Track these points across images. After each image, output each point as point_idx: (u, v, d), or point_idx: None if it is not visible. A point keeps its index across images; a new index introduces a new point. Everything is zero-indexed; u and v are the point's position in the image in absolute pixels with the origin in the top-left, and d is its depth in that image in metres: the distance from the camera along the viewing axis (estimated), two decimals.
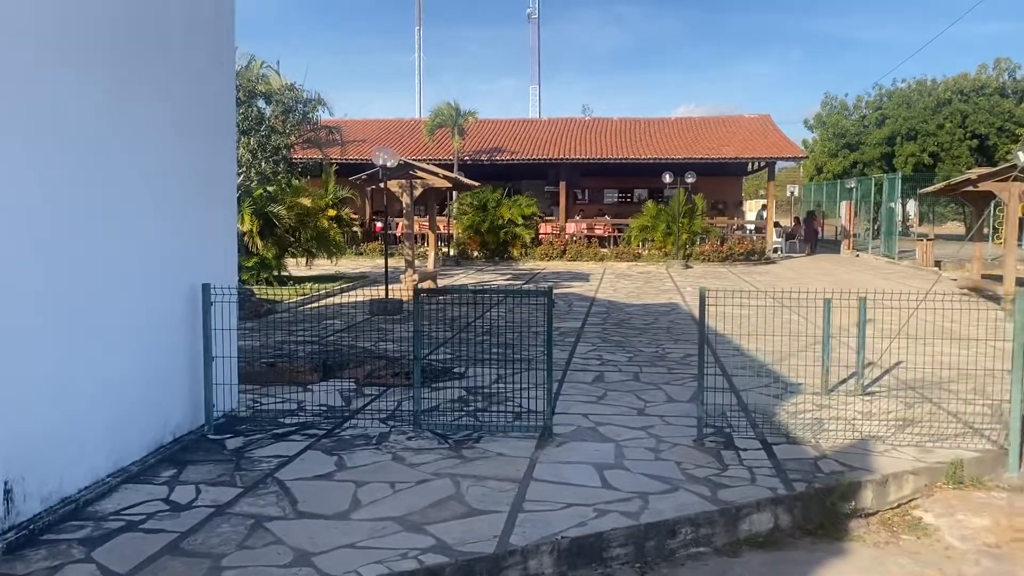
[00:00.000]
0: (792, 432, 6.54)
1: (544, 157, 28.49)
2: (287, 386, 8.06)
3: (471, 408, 7.25)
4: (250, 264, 15.69)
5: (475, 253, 26.07)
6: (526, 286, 18.59)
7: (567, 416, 6.98)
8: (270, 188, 14.35)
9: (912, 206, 41.29)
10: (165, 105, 5.98)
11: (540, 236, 27.31)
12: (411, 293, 15.14)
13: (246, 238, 15.07)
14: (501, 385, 7.89)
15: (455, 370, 8.74)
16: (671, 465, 5.72)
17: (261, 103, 12.82)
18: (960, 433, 6.52)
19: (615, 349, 10.30)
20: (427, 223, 18.73)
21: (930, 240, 24.55)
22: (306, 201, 16.34)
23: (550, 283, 19.21)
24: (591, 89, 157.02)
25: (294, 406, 7.38)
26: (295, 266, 18.27)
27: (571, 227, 28.94)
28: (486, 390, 7.78)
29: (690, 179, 24.67)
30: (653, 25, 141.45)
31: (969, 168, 36.31)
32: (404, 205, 15.24)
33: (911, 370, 8.56)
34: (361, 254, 26.25)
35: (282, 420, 6.83)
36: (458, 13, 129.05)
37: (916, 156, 37.82)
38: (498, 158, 28.67)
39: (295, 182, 16.24)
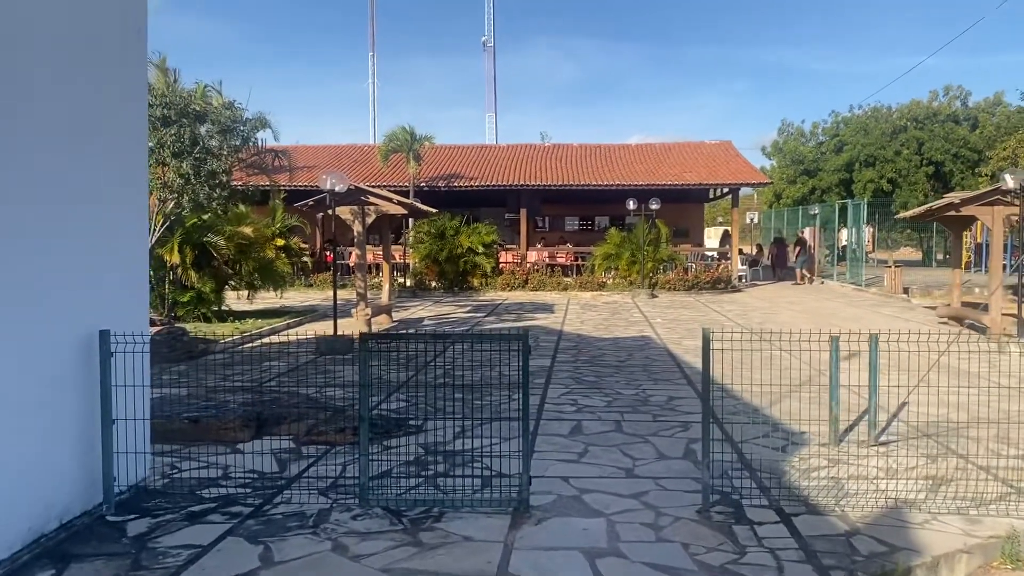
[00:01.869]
0: (810, 497, 5.54)
1: (504, 183, 27.58)
2: (214, 445, 6.87)
3: (430, 472, 6.13)
4: (185, 299, 14.37)
5: (433, 283, 24.94)
6: (488, 318, 17.52)
7: (545, 480, 5.91)
8: (205, 216, 13.11)
9: (866, 232, 41.24)
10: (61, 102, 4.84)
11: (501, 265, 26.30)
12: (363, 328, 13.99)
13: (179, 270, 13.77)
14: (466, 441, 6.80)
15: (411, 422, 7.61)
16: (676, 548, 4.67)
17: (205, 126, 11.64)
18: (1003, 495, 5.58)
19: (591, 392, 9.26)
20: (381, 253, 17.55)
21: (898, 267, 24.09)
22: (248, 230, 15.09)
23: (514, 315, 18.15)
24: (547, 120, 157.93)
25: (218, 472, 6.20)
26: (237, 300, 16.96)
27: (533, 255, 28.01)
28: (448, 448, 6.67)
29: (655, 205, 23.94)
30: (608, 57, 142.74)
31: (926, 195, 36.44)
32: (356, 233, 14.10)
33: (919, 413, 7.67)
34: (311, 286, 24.94)
35: (201, 493, 5.63)
36: (414, 44, 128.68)
37: (875, 182, 37.77)
38: (456, 184, 27.68)
39: (238, 209, 14.97)
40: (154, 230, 10.88)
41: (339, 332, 12.49)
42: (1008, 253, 31.00)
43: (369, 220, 13.93)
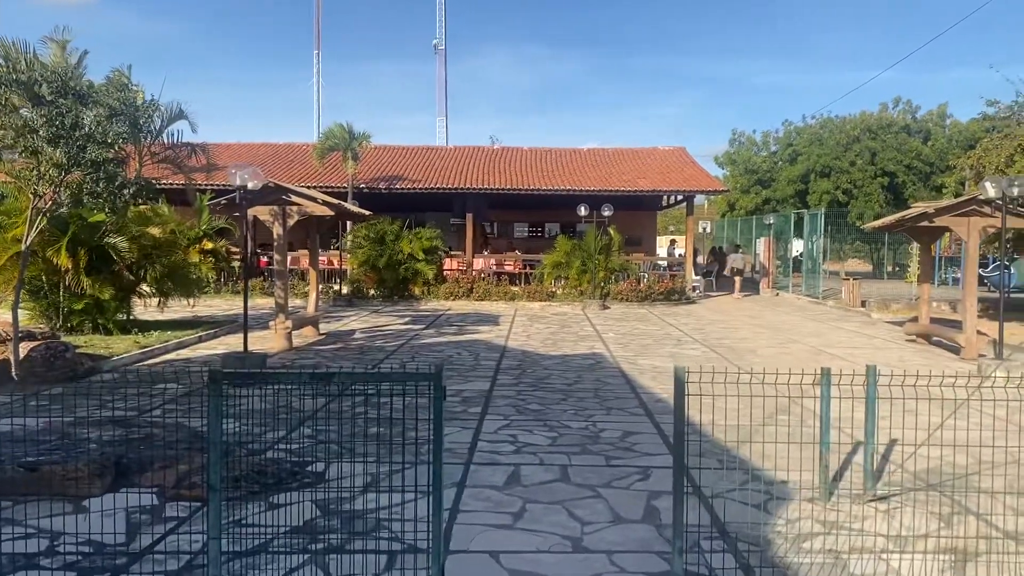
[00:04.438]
0: None
1: (449, 187, 26.15)
2: (55, 501, 5.42)
3: (321, 544, 4.73)
4: (79, 307, 12.68)
5: (371, 291, 23.40)
6: (427, 331, 16.10)
7: (467, 559, 4.57)
8: (104, 215, 11.46)
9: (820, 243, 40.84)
10: None
11: (445, 273, 24.87)
12: (282, 343, 12.47)
13: (68, 276, 12.07)
14: (373, 495, 5.44)
15: (309, 468, 6.19)
16: None
17: (94, 111, 10.03)
18: None
19: (533, 425, 7.93)
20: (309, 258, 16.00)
21: (856, 280, 23.32)
22: (155, 231, 13.46)
23: (455, 328, 16.77)
24: (499, 126, 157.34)
25: (43, 544, 4.74)
26: (149, 309, 15.26)
27: (479, 263, 26.65)
28: (350, 507, 5.29)
29: (607, 212, 22.79)
30: (561, 64, 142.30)
31: (881, 205, 36.07)
32: (275, 236, 12.60)
33: (912, 452, 6.50)
34: (239, 292, 23.20)
35: None
36: (364, 47, 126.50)
37: (830, 193, 37.29)
38: (398, 187, 26.16)
39: (139, 207, 13.29)
40: (30, 229, 9.24)
41: (256, 347, 10.98)
42: (941, 267, 30.73)
43: (291, 222, 12.44)
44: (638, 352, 13.29)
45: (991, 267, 25.74)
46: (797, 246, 31.51)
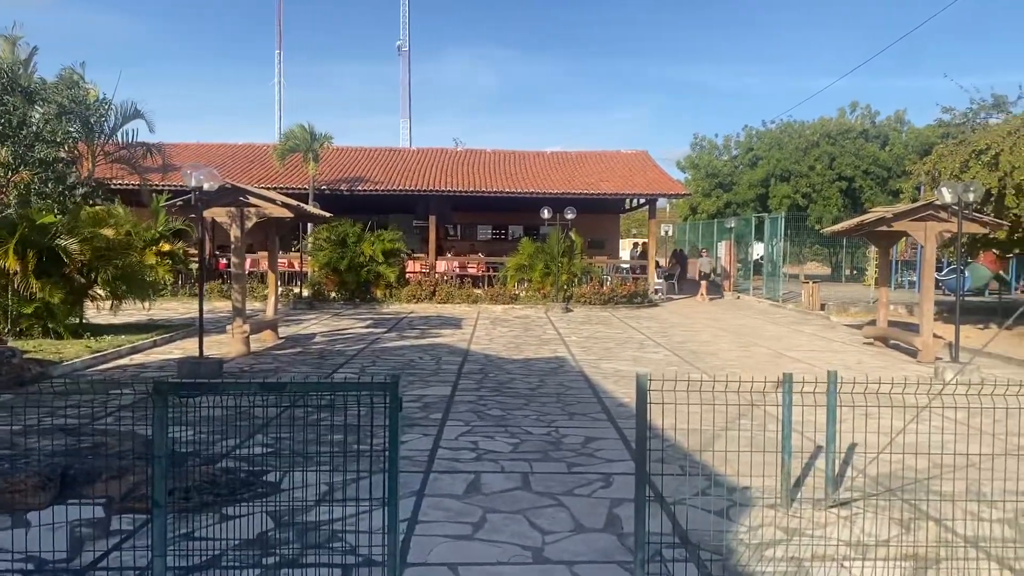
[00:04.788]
0: None
1: (412, 188, 25.94)
2: None
3: (274, 558, 4.59)
4: (29, 311, 12.29)
5: (333, 294, 23.11)
6: (388, 334, 15.91)
7: (425, 571, 4.46)
8: (46, 216, 11.11)
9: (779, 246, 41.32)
10: None
11: (407, 275, 24.67)
12: (240, 348, 12.22)
13: (16, 279, 11.70)
14: (326, 508, 5.29)
15: (264, 478, 6.03)
16: None
17: (43, 108, 9.70)
18: None
19: (495, 431, 7.83)
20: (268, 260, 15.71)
21: (815, 283, 23.60)
22: (109, 232, 13.10)
23: (417, 331, 16.61)
24: (463, 129, 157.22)
25: None
26: (102, 312, 14.87)
27: (442, 265, 26.48)
28: (305, 518, 5.14)
29: (570, 215, 22.79)
30: (526, 68, 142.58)
31: (839, 209, 36.60)
32: (233, 238, 12.34)
33: (869, 455, 6.53)
34: (197, 295, 22.77)
35: None
36: (327, 48, 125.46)
37: (790, 197, 37.74)
38: (360, 188, 25.88)
39: (97, 207, 12.94)
40: None
41: (212, 352, 10.73)
42: (897, 271, 31.27)
43: (249, 223, 12.19)
44: (601, 356, 13.26)
45: (946, 271, 26.21)
46: (758, 249, 31.84)
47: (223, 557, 4.57)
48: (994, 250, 20.27)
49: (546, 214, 23.28)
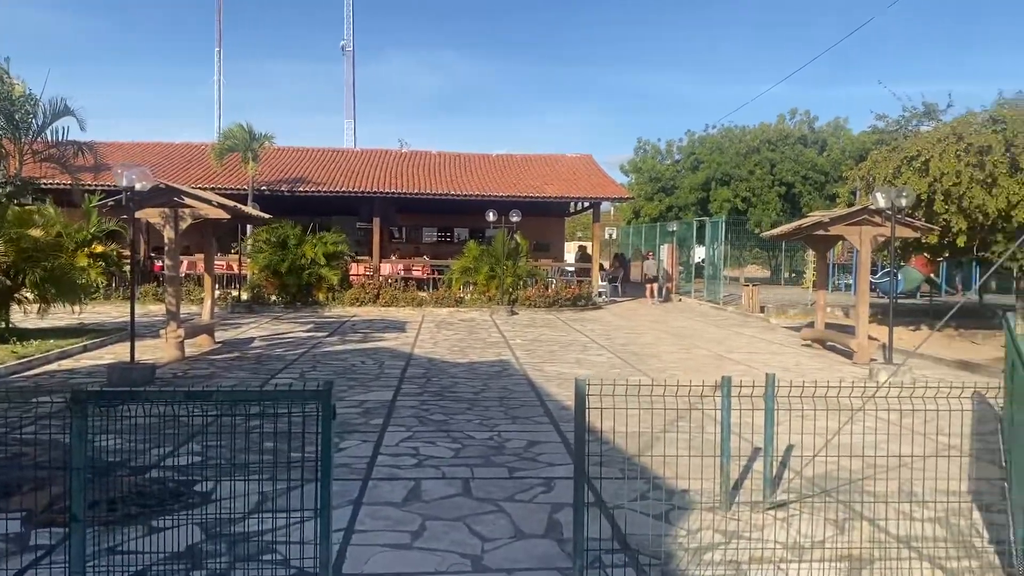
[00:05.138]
0: None
1: (356, 190, 25.62)
2: None
3: (204, 570, 4.44)
4: None
5: (273, 297, 22.68)
6: (330, 339, 15.66)
7: None
8: None
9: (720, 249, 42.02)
10: None
11: (351, 278, 24.35)
12: (174, 352, 11.87)
13: None
14: (258, 518, 5.13)
15: (195, 487, 5.84)
16: None
17: None
18: None
19: (437, 436, 7.73)
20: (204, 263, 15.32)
21: (755, 286, 24.03)
22: (36, 233, 12.63)
23: (360, 335, 16.38)
24: (408, 130, 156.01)
25: None
26: (29, 316, 14.31)
27: (386, 268, 26.23)
28: (237, 529, 4.98)
29: (515, 218, 22.78)
30: (473, 71, 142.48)
31: (778, 213, 37.37)
32: (167, 240, 12.00)
33: (806, 457, 6.60)
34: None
35: None
36: (268, 47, 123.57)
37: (730, 201, 38.41)
38: (301, 189, 25.47)
39: (26, 207, 12.45)
40: None
41: (145, 357, 10.39)
42: (834, 273, 32.10)
43: (183, 225, 11.86)
44: (545, 359, 13.26)
45: (880, 274, 26.94)
46: (699, 253, 32.30)
47: (149, 571, 4.39)
48: (925, 254, 20.90)
49: (491, 217, 23.24)
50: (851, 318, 16.41)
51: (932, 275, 28.98)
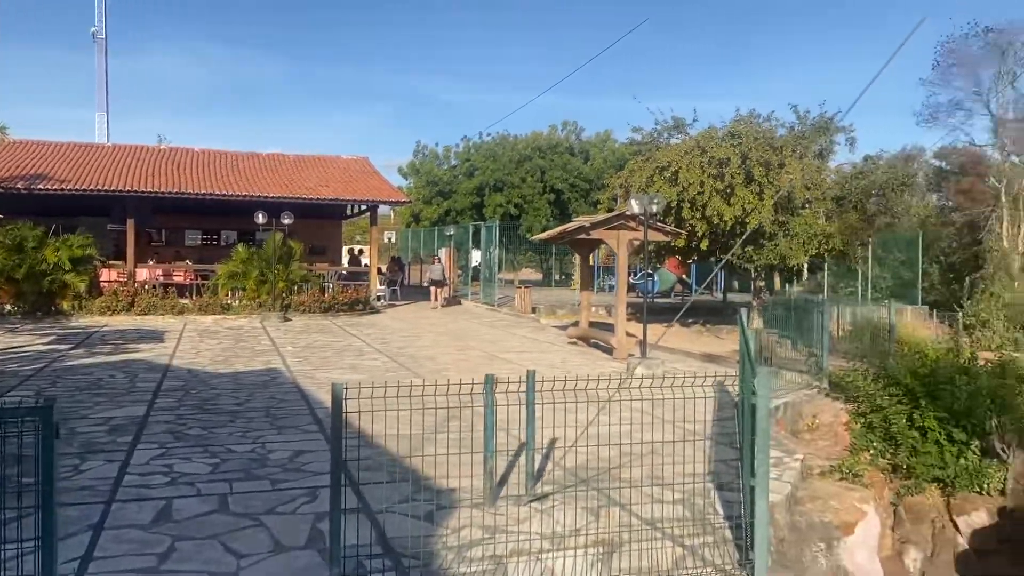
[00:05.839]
0: None
1: (107, 188, 23.43)
2: None
3: None
4: None
5: (8, 307, 20.23)
6: (75, 351, 14.22)
7: None
8: None
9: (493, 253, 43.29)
10: None
11: (102, 284, 22.28)
12: None
13: None
14: None
15: None
16: None
17: None
18: (679, 560, 4.87)
19: (193, 452, 7.24)
20: None
21: (527, 288, 24.94)
22: None
23: (111, 346, 15.04)
24: (170, 127, 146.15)
25: None
26: None
27: (143, 273, 24.29)
28: None
29: (287, 220, 21.96)
30: (246, 68, 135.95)
31: (548, 219, 39.08)
32: None
33: (567, 448, 6.94)
34: None
35: None
36: (6, 30, 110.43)
37: (503, 206, 39.62)
38: (41, 187, 22.92)
39: None
40: None
41: None
42: (600, 275, 34.30)
43: None
44: (317, 366, 12.89)
45: (639, 275, 28.98)
46: (476, 256, 33.03)
47: None
48: (677, 256, 22.79)
49: (261, 219, 22.22)
50: (613, 317, 17.47)
51: (684, 276, 31.68)
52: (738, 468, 6.48)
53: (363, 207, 29.20)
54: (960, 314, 24.47)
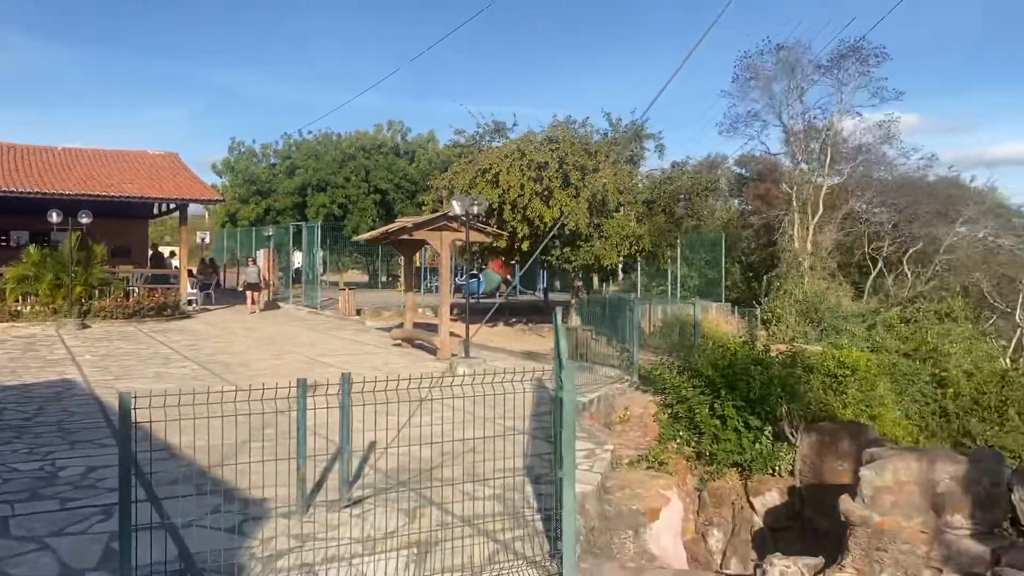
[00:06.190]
0: None
1: None
2: None
3: None
4: None
5: None
6: None
7: None
8: None
9: (319, 255, 42.19)
10: None
11: None
12: None
13: None
14: None
15: None
16: None
17: None
18: (493, 555, 4.96)
19: None
20: None
21: (351, 289, 24.51)
22: None
23: None
24: None
25: None
26: None
27: None
28: None
29: (85, 219, 20.32)
30: (39, 56, 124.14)
31: (374, 220, 38.58)
32: None
33: (385, 450, 6.90)
34: None
35: None
36: None
37: (327, 207, 38.69)
38: None
39: None
40: None
41: None
42: (428, 276, 34.43)
43: None
44: (119, 375, 12.03)
45: (464, 276, 29.26)
46: (297, 258, 32.03)
47: None
48: (501, 257, 23.21)
49: (55, 218, 20.44)
50: (438, 317, 17.53)
51: (509, 277, 32.33)
52: (551, 461, 6.68)
53: (172, 206, 27.55)
54: (758, 310, 26.59)
